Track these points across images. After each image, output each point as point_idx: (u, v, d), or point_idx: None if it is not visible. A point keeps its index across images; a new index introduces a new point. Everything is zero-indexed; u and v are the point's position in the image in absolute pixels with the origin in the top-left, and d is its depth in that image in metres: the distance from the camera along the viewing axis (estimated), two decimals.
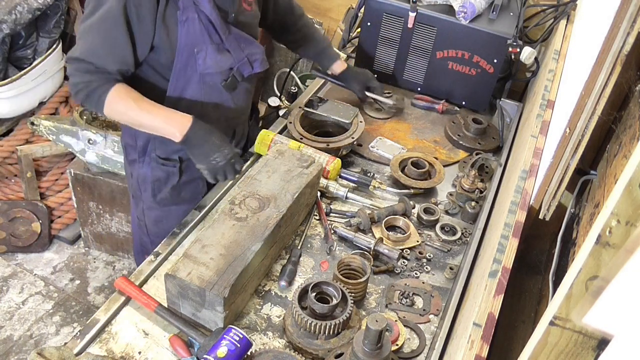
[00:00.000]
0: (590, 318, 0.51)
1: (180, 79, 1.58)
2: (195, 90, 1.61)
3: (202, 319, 1.30)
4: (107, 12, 1.42)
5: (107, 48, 1.46)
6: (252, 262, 1.31)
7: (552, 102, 1.66)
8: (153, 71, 1.59)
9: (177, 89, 1.60)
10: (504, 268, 1.16)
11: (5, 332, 2.50)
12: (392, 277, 1.52)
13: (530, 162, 1.45)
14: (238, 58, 1.60)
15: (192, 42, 1.51)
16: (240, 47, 1.60)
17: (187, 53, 1.52)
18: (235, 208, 1.41)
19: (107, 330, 1.31)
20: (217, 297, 1.22)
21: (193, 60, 1.54)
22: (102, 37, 1.46)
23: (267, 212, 1.42)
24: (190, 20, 1.48)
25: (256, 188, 1.48)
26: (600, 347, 0.67)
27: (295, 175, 1.54)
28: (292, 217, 1.51)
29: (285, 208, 1.44)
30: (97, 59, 1.47)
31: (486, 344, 1.01)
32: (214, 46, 1.53)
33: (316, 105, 1.95)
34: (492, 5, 2.05)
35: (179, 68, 1.55)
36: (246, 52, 1.61)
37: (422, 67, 2.17)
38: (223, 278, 1.24)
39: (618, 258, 0.51)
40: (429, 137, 2.06)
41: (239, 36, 1.59)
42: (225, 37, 1.54)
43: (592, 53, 1.32)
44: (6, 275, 2.75)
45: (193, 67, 1.55)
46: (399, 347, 1.32)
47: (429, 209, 1.71)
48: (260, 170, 1.54)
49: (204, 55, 1.53)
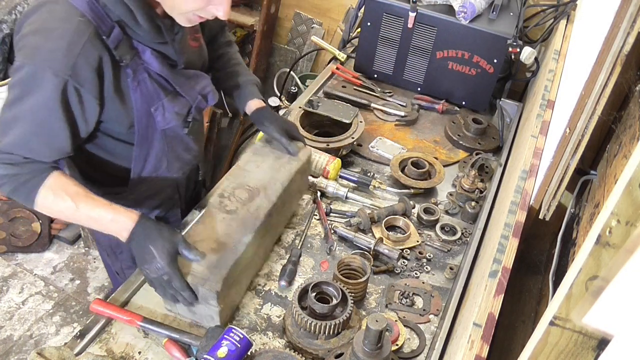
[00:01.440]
0: (590, 318, 0.51)
1: (144, 144, 1.44)
2: (158, 149, 1.47)
3: (199, 314, 1.30)
4: (41, 101, 1.21)
5: (42, 139, 1.26)
6: (244, 254, 1.30)
7: (552, 102, 1.66)
8: (112, 140, 1.43)
9: (142, 155, 1.46)
10: (504, 268, 1.16)
11: (5, 332, 2.50)
12: (392, 277, 1.52)
13: (530, 162, 1.45)
14: (192, 98, 1.48)
15: (147, 103, 1.37)
16: (192, 85, 1.48)
17: (146, 115, 1.39)
18: (225, 201, 1.40)
19: (107, 330, 1.31)
20: (210, 292, 1.22)
21: (152, 120, 1.40)
22: (35, 128, 1.24)
23: (257, 202, 1.41)
24: (142, 82, 1.34)
25: (245, 179, 1.47)
26: (600, 347, 0.67)
27: (284, 163, 1.53)
28: (284, 205, 1.50)
29: (275, 197, 1.43)
30: (29, 151, 1.25)
31: (486, 344, 1.01)
32: (168, 97, 1.41)
33: (316, 105, 1.95)
34: (492, 5, 2.05)
35: (139, 133, 1.41)
36: (198, 88, 1.50)
37: (422, 67, 2.17)
38: (215, 272, 1.23)
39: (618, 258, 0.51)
40: (429, 137, 2.06)
41: (188, 75, 1.47)
42: (177, 84, 1.42)
43: (592, 53, 1.32)
44: (6, 275, 2.75)
45: (153, 126, 1.42)
46: (399, 347, 1.32)
47: (429, 209, 1.71)
48: (248, 161, 1.53)
49: (161, 111, 1.40)
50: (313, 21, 3.11)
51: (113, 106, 1.31)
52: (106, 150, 1.45)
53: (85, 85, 1.22)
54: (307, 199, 1.73)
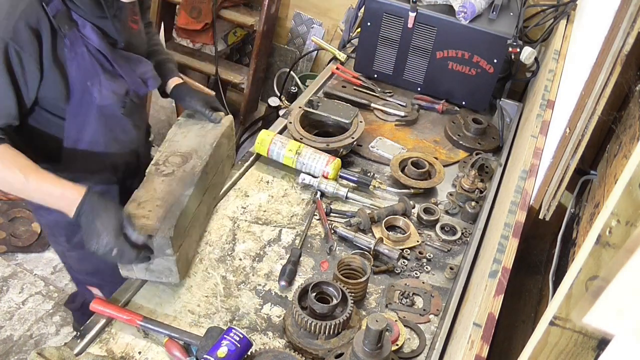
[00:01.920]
0: (590, 318, 0.51)
1: (78, 117, 1.46)
2: (94, 127, 1.50)
3: (157, 270, 1.34)
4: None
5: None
6: (188, 205, 1.40)
7: (552, 102, 1.66)
8: (49, 114, 1.44)
9: (75, 128, 1.48)
10: (504, 268, 1.16)
11: (5, 332, 2.50)
12: (392, 277, 1.52)
13: (530, 162, 1.45)
14: (132, 80, 1.51)
15: (84, 76, 1.40)
16: (132, 68, 1.52)
17: (81, 88, 1.41)
18: (161, 167, 1.50)
19: (107, 330, 1.31)
20: (164, 239, 1.28)
21: (88, 95, 1.43)
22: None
23: (191, 163, 1.51)
24: (80, 55, 1.37)
25: (176, 147, 1.57)
26: (600, 347, 0.67)
27: (209, 130, 1.64)
28: (216, 165, 1.62)
29: (207, 156, 1.53)
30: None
31: (486, 344, 1.01)
32: (106, 75, 1.44)
33: (316, 105, 1.95)
34: (492, 5, 2.05)
35: (74, 105, 1.43)
36: (138, 72, 1.54)
37: (422, 67, 2.17)
38: (165, 222, 1.32)
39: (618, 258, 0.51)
40: (429, 137, 2.06)
41: (128, 57, 1.51)
42: (116, 64, 1.45)
43: (592, 53, 1.32)
44: (6, 275, 2.74)
45: (89, 101, 1.44)
46: (399, 347, 1.32)
47: (429, 209, 1.71)
48: (175, 133, 1.63)
49: (98, 87, 1.43)
50: (313, 21, 3.11)
51: (51, 76, 1.35)
52: (43, 124, 1.47)
53: (25, 48, 1.27)
54: (307, 199, 1.73)
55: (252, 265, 1.51)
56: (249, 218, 1.64)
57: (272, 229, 1.62)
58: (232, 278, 1.46)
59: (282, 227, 1.63)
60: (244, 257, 1.53)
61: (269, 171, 1.82)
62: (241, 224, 1.62)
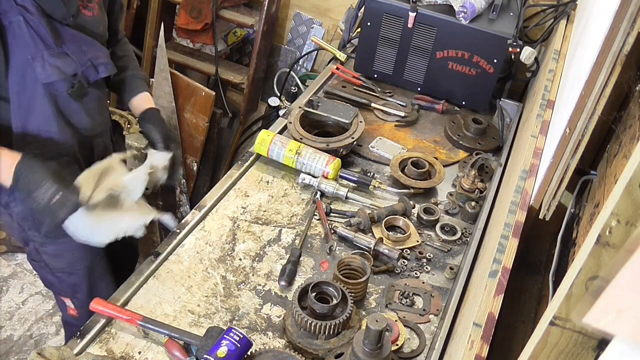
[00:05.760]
0: (590, 318, 0.51)
1: (23, 94, 1.39)
2: (42, 105, 1.43)
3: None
4: None
5: None
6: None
7: (552, 102, 1.66)
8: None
9: (22, 108, 1.41)
10: (504, 268, 1.16)
11: (5, 332, 2.50)
12: (392, 277, 1.52)
13: (530, 162, 1.45)
14: (81, 62, 1.44)
15: (23, 49, 1.34)
16: (82, 49, 1.44)
17: (22, 62, 1.35)
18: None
19: (107, 330, 1.31)
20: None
21: (31, 70, 1.36)
22: None
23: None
24: (15, 24, 1.30)
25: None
26: (600, 347, 0.67)
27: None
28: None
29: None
30: None
31: (486, 344, 1.01)
32: (50, 51, 1.37)
33: (316, 105, 1.95)
34: (492, 5, 2.05)
35: (17, 81, 1.37)
36: (89, 55, 1.46)
37: (422, 67, 2.17)
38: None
39: (618, 258, 0.51)
40: (429, 137, 2.06)
41: (78, 38, 1.43)
42: (61, 40, 1.38)
43: (592, 53, 1.32)
44: (6, 275, 2.74)
45: (32, 77, 1.37)
46: (399, 347, 1.32)
47: (429, 209, 1.71)
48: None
49: (41, 62, 1.36)
50: (313, 21, 3.10)
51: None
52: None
53: None
54: (307, 199, 1.73)
55: (252, 265, 1.51)
56: (249, 218, 1.64)
57: (272, 229, 1.62)
58: (232, 278, 1.46)
59: (282, 227, 1.63)
60: (244, 257, 1.53)
61: (269, 171, 1.82)
62: (241, 224, 1.62)
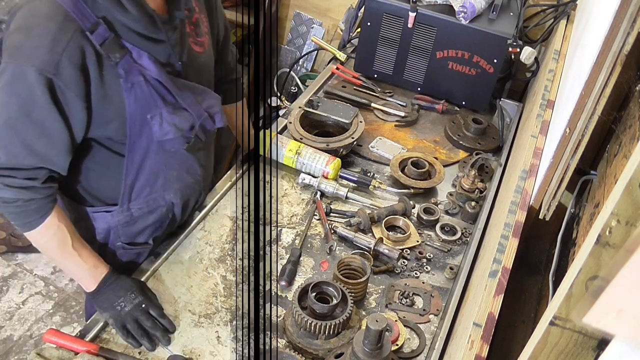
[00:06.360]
0: (590, 318, 0.51)
1: (137, 152, 1.34)
2: (153, 162, 1.37)
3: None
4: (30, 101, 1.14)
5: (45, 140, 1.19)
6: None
7: (552, 102, 1.66)
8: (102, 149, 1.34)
9: (135, 164, 1.35)
10: (504, 268, 1.16)
11: (5, 332, 2.50)
12: (392, 277, 1.52)
13: (530, 162, 1.45)
14: (198, 114, 1.36)
15: (142, 108, 1.27)
16: (198, 100, 1.36)
17: (140, 121, 1.28)
18: None
19: (107, 330, 1.31)
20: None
21: (147, 128, 1.30)
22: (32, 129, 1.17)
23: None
24: (137, 85, 1.24)
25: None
26: (600, 347, 0.67)
27: None
28: None
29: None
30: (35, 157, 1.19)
31: (486, 344, 1.01)
32: (168, 108, 1.30)
33: (316, 105, 1.95)
34: (492, 5, 2.05)
35: (133, 140, 1.31)
36: (205, 105, 1.38)
37: (422, 67, 2.17)
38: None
39: (618, 258, 0.51)
40: (429, 137, 2.06)
41: (193, 89, 1.36)
42: (178, 95, 1.31)
43: (592, 53, 1.32)
44: (6, 275, 2.74)
45: (149, 135, 1.31)
46: (399, 347, 1.32)
47: (429, 209, 1.71)
48: None
49: (159, 120, 1.29)
50: (313, 21, 3.10)
51: (103, 109, 1.23)
52: (99, 162, 1.37)
53: (70, 86, 1.15)
54: (307, 199, 1.73)
55: (252, 265, 1.51)
56: (249, 218, 1.64)
57: (272, 229, 1.62)
58: (232, 278, 1.46)
59: (282, 227, 1.63)
60: (244, 257, 1.53)
61: (268, 171, 1.82)
62: (241, 224, 1.62)
